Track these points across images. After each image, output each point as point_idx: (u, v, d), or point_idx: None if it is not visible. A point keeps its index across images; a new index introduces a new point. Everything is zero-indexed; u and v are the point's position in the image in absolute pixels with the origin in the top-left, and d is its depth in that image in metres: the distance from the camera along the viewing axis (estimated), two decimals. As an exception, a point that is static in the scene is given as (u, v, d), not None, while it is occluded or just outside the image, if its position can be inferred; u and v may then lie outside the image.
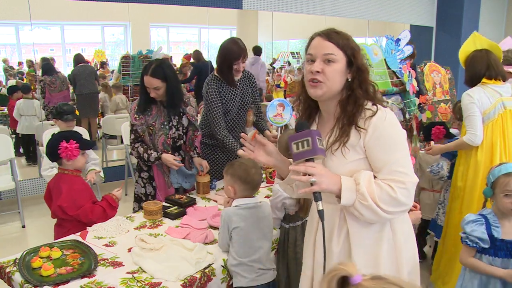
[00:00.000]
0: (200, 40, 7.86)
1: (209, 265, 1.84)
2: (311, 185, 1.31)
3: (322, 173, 1.31)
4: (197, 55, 6.87)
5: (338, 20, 6.65)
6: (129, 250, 1.94)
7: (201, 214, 2.37)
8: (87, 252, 1.90)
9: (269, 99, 5.88)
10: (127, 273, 1.76)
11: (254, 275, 1.86)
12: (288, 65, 8.82)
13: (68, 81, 5.83)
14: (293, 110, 2.70)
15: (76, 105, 5.90)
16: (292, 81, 7.63)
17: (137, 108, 2.62)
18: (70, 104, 3.39)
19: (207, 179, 2.71)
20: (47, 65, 5.66)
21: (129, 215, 2.38)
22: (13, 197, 4.39)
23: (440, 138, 3.18)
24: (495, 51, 2.81)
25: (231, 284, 1.91)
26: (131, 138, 2.67)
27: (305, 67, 1.47)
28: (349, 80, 1.42)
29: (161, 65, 2.53)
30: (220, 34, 7.66)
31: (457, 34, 7.62)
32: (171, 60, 7.06)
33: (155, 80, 2.48)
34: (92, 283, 1.68)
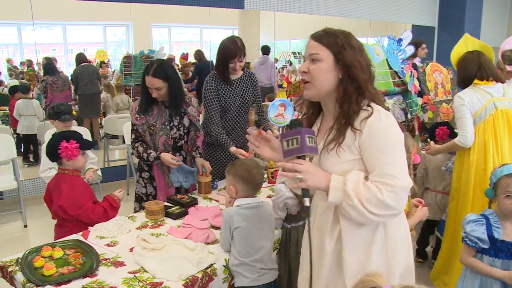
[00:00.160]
0: (201, 40, 7.86)
1: (211, 265, 1.84)
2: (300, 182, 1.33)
3: (308, 170, 1.32)
4: (199, 55, 6.88)
5: (339, 20, 6.65)
6: (131, 250, 1.94)
7: (203, 214, 2.37)
8: (89, 251, 1.90)
9: (270, 99, 5.90)
10: (129, 272, 1.76)
11: (255, 275, 1.86)
12: (289, 65, 8.83)
13: (70, 81, 5.83)
14: (295, 110, 2.70)
15: (78, 105, 5.91)
16: (295, 81, 7.62)
17: (138, 108, 2.62)
18: (67, 104, 3.37)
19: (209, 179, 2.71)
20: (49, 65, 5.66)
21: (131, 215, 2.38)
22: (15, 197, 4.39)
23: (444, 138, 3.17)
24: (486, 52, 2.82)
25: (232, 284, 1.91)
26: (132, 138, 2.67)
27: None
28: (340, 77, 1.42)
29: (163, 65, 2.53)
30: (222, 34, 7.64)
31: (459, 34, 7.55)
32: (175, 60, 7.07)
33: (157, 80, 2.48)
34: (94, 282, 1.68)
